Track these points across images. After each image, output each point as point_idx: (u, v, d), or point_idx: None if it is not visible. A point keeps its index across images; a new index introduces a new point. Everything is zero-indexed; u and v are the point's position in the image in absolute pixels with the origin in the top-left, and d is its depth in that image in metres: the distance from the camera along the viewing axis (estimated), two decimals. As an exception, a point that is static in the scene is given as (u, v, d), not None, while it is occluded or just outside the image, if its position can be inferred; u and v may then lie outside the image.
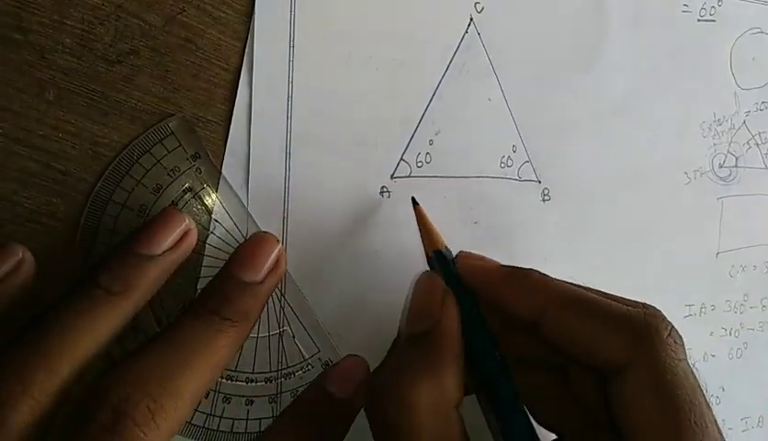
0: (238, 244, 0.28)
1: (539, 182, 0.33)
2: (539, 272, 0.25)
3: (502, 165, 0.33)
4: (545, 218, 0.33)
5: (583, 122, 0.34)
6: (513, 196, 0.33)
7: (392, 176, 0.31)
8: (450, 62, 0.31)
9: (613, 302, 0.24)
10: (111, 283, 0.23)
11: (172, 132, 0.27)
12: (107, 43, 0.26)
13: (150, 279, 0.24)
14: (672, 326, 0.23)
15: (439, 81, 0.31)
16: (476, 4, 0.31)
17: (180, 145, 0.28)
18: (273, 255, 0.26)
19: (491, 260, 0.27)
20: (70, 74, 0.26)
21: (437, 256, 0.27)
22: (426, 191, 0.31)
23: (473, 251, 0.27)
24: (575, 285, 0.25)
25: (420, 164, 0.31)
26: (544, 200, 0.33)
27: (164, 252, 0.25)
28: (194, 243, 0.26)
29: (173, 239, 0.25)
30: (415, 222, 0.30)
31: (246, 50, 0.28)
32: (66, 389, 0.21)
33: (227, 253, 0.28)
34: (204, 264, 0.28)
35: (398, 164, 0.31)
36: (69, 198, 0.26)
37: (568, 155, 0.34)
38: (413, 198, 0.29)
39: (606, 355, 0.23)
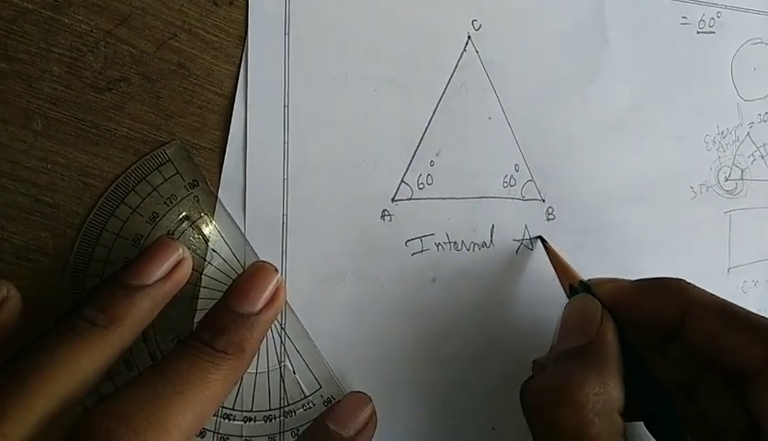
0: (236, 275, 0.27)
1: (543, 201, 0.32)
2: (678, 279, 0.27)
3: (505, 185, 0.32)
4: (551, 237, 0.32)
5: (586, 138, 0.33)
6: (517, 216, 0.32)
7: (393, 199, 0.30)
8: (449, 82, 0.30)
9: (751, 312, 0.25)
10: (96, 315, 0.22)
11: (169, 159, 0.27)
12: (96, 71, 0.26)
13: (139, 312, 0.23)
14: None
15: (438, 101, 0.30)
16: (473, 21, 0.31)
17: (177, 172, 0.27)
18: (271, 286, 0.25)
19: (622, 279, 0.29)
20: (58, 103, 0.25)
21: (582, 287, 0.29)
22: (429, 213, 0.30)
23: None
24: (710, 293, 0.26)
25: (421, 186, 0.30)
26: (549, 219, 0.33)
27: (156, 282, 0.24)
28: (188, 272, 0.25)
29: (165, 268, 0.24)
30: (420, 245, 0.30)
31: (240, 75, 0.27)
32: (43, 424, 0.20)
33: (225, 284, 0.27)
34: (201, 296, 0.27)
35: (399, 187, 0.30)
36: (58, 232, 0.25)
37: (571, 172, 0.33)
38: (542, 238, 0.32)
39: (748, 359, 0.24)
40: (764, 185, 0.37)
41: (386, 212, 0.30)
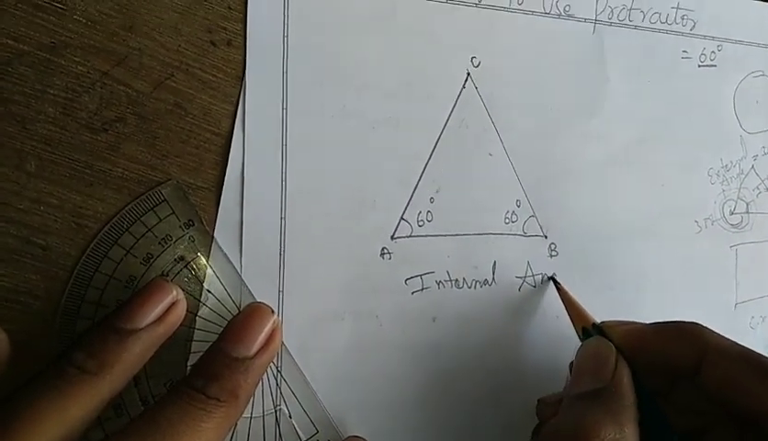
0: (231, 316, 0.26)
1: (546, 237, 0.32)
2: (693, 323, 0.26)
3: (507, 221, 0.31)
4: (553, 273, 0.32)
5: (588, 173, 0.33)
6: (519, 252, 0.31)
7: (393, 237, 0.29)
8: (449, 118, 0.30)
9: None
10: (86, 361, 0.22)
11: (165, 199, 0.26)
12: (91, 111, 0.25)
13: (131, 356, 0.23)
14: None
15: (438, 137, 0.30)
16: (472, 58, 0.31)
17: (173, 213, 0.26)
18: (266, 329, 0.25)
19: (636, 322, 0.28)
20: (52, 144, 0.25)
21: (596, 329, 0.28)
22: (429, 250, 0.30)
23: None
24: (726, 338, 0.26)
25: (421, 223, 0.30)
26: (551, 256, 0.32)
27: (148, 325, 0.23)
28: (182, 315, 0.25)
29: (158, 311, 0.24)
30: (420, 283, 0.29)
31: (238, 114, 0.27)
32: None
33: (220, 325, 0.26)
34: (195, 338, 0.26)
35: (398, 224, 0.29)
36: (50, 275, 0.25)
37: (574, 208, 0.32)
38: (554, 278, 0.31)
39: (766, 406, 0.23)
40: (770, 218, 0.37)
41: (385, 250, 0.29)
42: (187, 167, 0.27)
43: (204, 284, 0.26)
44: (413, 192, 0.30)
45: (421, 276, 0.30)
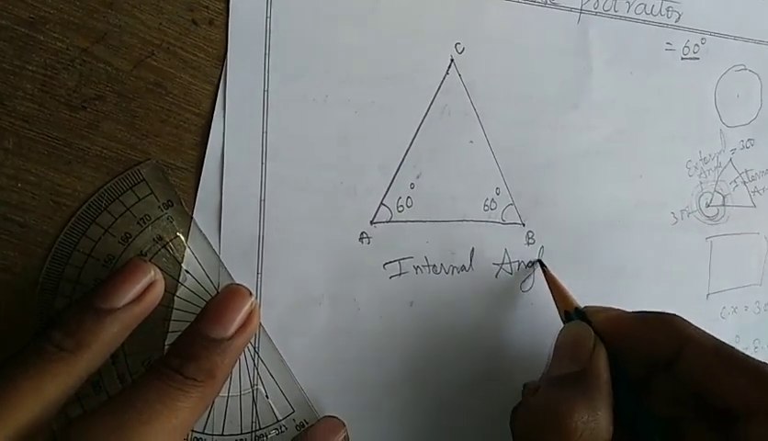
0: (209, 297, 0.26)
1: (524, 225, 0.32)
2: (674, 315, 0.27)
3: (486, 208, 0.32)
4: (529, 260, 0.32)
5: (568, 163, 0.33)
6: (497, 239, 0.32)
7: (372, 222, 0.30)
8: (431, 105, 0.30)
9: (745, 354, 0.26)
10: (63, 340, 0.22)
11: (143, 179, 0.26)
12: (70, 89, 0.25)
13: (108, 336, 0.23)
14: None
15: (420, 123, 0.30)
16: (456, 45, 0.31)
17: (152, 192, 0.26)
18: (244, 310, 0.25)
19: (619, 309, 0.29)
20: (31, 122, 0.25)
21: (578, 314, 0.29)
22: (408, 236, 0.30)
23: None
24: (705, 331, 0.27)
25: (401, 209, 0.30)
26: (528, 244, 0.32)
27: (126, 305, 0.23)
28: (160, 295, 0.25)
29: (136, 291, 0.24)
30: (398, 268, 0.30)
31: (219, 94, 0.27)
32: None
33: (198, 306, 0.26)
34: (173, 318, 0.26)
35: (378, 209, 0.30)
36: (28, 252, 0.25)
37: (552, 197, 0.33)
38: (541, 261, 0.32)
39: (740, 399, 0.24)
40: (746, 211, 0.37)
41: (364, 235, 0.29)
42: (167, 147, 0.27)
43: (182, 264, 0.27)
44: (394, 178, 0.30)
45: (399, 261, 0.30)
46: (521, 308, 0.32)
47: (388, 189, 0.30)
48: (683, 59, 0.36)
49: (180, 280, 0.27)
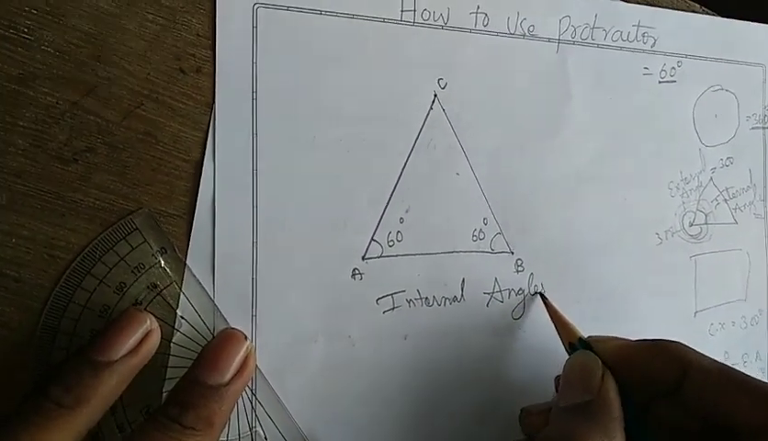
0: (205, 341, 0.27)
1: (512, 253, 0.33)
2: (676, 342, 0.28)
3: (474, 239, 0.32)
4: (520, 287, 0.33)
5: (552, 189, 0.34)
6: (487, 269, 0.32)
7: (364, 257, 0.30)
8: (416, 140, 0.31)
9: (748, 375, 0.26)
10: (62, 396, 0.22)
11: (137, 228, 0.26)
12: (62, 142, 0.26)
13: (106, 389, 0.23)
14: None
15: (407, 158, 0.31)
16: (439, 80, 0.31)
17: (145, 241, 0.27)
18: (240, 355, 0.25)
19: (622, 338, 0.29)
20: (23, 176, 0.25)
21: (582, 344, 0.29)
22: (399, 270, 0.31)
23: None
24: (707, 356, 0.27)
25: (391, 243, 0.31)
26: (518, 271, 0.33)
27: (123, 357, 0.24)
28: (156, 344, 0.25)
29: (132, 342, 0.24)
30: (391, 302, 0.30)
31: (208, 141, 0.28)
32: None
33: (194, 351, 0.26)
34: (170, 364, 0.27)
35: (369, 245, 0.30)
36: (23, 306, 0.25)
37: (539, 224, 0.33)
38: (542, 293, 0.33)
39: (745, 420, 0.25)
40: (728, 228, 0.38)
41: (356, 271, 0.30)
42: (159, 195, 0.27)
43: (178, 311, 0.27)
44: (383, 213, 0.30)
45: (392, 295, 0.30)
46: (513, 336, 0.33)
47: (378, 225, 0.30)
48: (660, 82, 0.37)
49: (176, 327, 0.27)
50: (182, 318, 0.27)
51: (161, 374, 0.26)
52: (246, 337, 0.26)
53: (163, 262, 0.27)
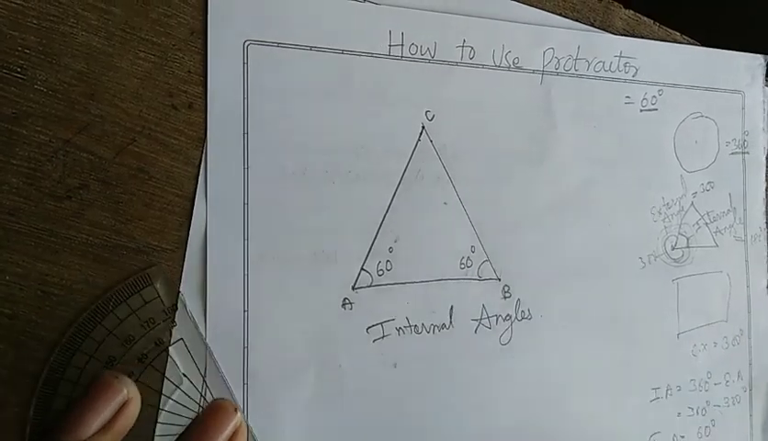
0: (197, 394, 0.27)
1: (499, 279, 0.34)
2: None
3: (462, 266, 0.33)
4: (507, 314, 0.34)
5: (537, 217, 0.35)
6: (475, 296, 0.33)
7: (354, 287, 0.31)
8: (405, 170, 0.32)
9: None
10: None
11: (151, 283, 0.27)
12: (55, 180, 0.26)
13: None
14: None
15: (395, 189, 0.31)
16: (426, 112, 0.32)
17: (158, 296, 0.27)
18: (229, 429, 0.25)
19: None
20: (16, 214, 0.25)
21: None
22: (388, 299, 0.31)
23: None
24: None
25: (381, 273, 0.31)
26: (505, 297, 0.34)
27: (95, 435, 0.22)
28: (135, 414, 0.24)
29: (105, 416, 0.23)
30: (381, 331, 0.31)
31: (200, 175, 0.28)
32: None
33: (186, 406, 0.27)
34: (161, 420, 0.27)
35: (359, 275, 0.31)
36: (17, 343, 0.25)
37: (525, 251, 0.34)
38: None
39: None
40: (709, 251, 0.39)
41: (347, 301, 0.30)
42: (152, 230, 0.27)
43: (180, 367, 0.27)
44: (373, 243, 0.31)
45: (381, 324, 0.31)
46: (501, 361, 0.33)
47: (367, 255, 0.31)
48: (641, 111, 0.38)
49: (177, 383, 0.27)
50: (184, 375, 0.27)
51: (149, 430, 0.26)
52: (236, 409, 0.26)
53: (172, 319, 0.27)
